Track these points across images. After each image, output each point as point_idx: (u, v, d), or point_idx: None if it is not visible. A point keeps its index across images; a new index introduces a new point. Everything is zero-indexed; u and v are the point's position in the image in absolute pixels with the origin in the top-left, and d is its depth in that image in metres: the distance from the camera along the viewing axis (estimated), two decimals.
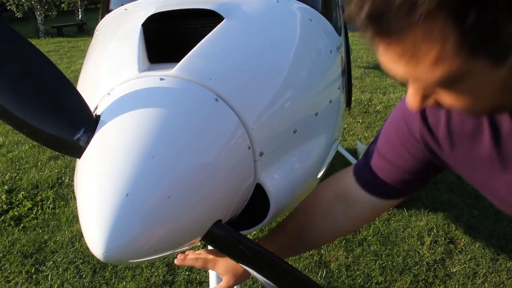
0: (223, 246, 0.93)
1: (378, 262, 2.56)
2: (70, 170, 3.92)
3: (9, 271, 2.60)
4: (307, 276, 0.95)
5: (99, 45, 1.38)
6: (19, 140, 4.73)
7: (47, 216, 3.18)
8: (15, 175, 3.88)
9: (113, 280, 2.49)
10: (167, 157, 0.80)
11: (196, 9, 1.27)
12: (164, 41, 1.41)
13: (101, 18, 1.76)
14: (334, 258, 2.61)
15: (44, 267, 2.63)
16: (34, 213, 3.23)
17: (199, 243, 2.79)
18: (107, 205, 0.74)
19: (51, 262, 2.67)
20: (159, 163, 0.78)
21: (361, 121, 4.90)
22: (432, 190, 3.29)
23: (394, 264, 2.54)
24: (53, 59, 9.02)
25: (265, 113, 1.03)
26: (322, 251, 2.66)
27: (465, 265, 2.51)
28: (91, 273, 2.55)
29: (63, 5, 17.68)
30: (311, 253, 2.62)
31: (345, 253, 2.64)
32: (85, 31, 14.43)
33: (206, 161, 0.85)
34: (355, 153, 3.75)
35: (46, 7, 15.29)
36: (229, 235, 0.89)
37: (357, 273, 2.48)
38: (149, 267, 2.57)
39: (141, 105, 0.87)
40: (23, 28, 15.10)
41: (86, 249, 2.74)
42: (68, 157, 4.19)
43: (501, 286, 2.36)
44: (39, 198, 3.44)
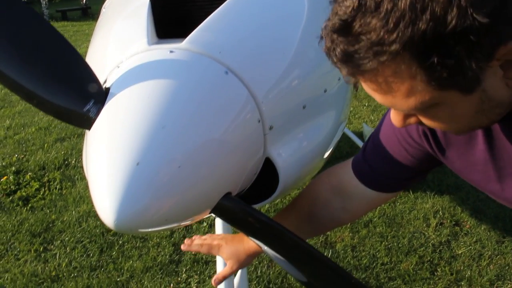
0: (233, 218, 0.93)
1: (383, 243, 2.56)
2: (76, 151, 3.94)
3: (18, 250, 2.63)
4: (316, 249, 0.95)
5: (107, 21, 1.37)
6: (25, 122, 4.75)
7: (54, 196, 3.20)
8: (22, 156, 3.90)
9: (120, 259, 2.51)
10: (178, 127, 0.80)
11: None
12: (171, 18, 1.41)
13: None
14: (339, 239, 2.62)
15: (52, 246, 2.66)
16: (41, 193, 3.25)
17: (206, 222, 2.79)
18: (118, 174, 0.75)
19: (59, 241, 2.69)
20: (170, 133, 0.78)
21: (367, 104, 4.88)
22: (438, 173, 3.28)
23: (399, 245, 2.55)
24: None
25: (275, 87, 1.02)
26: (327, 232, 2.67)
27: (470, 247, 2.51)
28: (98, 252, 2.58)
29: None
30: None
31: (350, 234, 2.65)
32: (90, 15, 14.32)
33: (216, 132, 0.85)
34: (361, 135, 3.75)
35: None
36: (239, 207, 0.90)
37: (363, 254, 2.49)
38: (156, 247, 2.60)
39: (151, 77, 0.87)
40: None
41: (93, 229, 2.77)
42: (74, 139, 4.21)
43: (506, 268, 2.36)
44: (46, 179, 3.47)
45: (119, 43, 1.10)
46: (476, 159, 0.78)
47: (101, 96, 0.87)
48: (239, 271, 1.39)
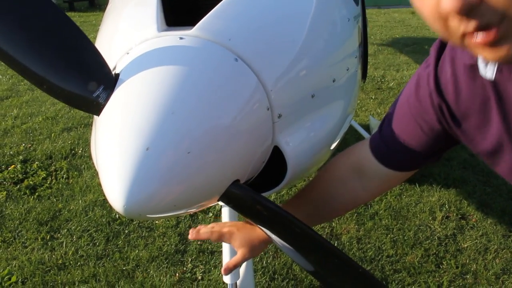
0: (241, 206, 0.93)
1: (389, 236, 2.56)
2: (83, 141, 3.96)
3: (25, 237, 2.65)
4: (324, 238, 0.95)
5: (116, 8, 1.37)
6: (32, 112, 4.77)
7: (61, 185, 3.22)
8: (30, 145, 3.92)
9: (126, 248, 2.53)
10: (188, 113, 0.80)
11: None
12: (180, 7, 1.40)
13: None
14: (345, 231, 2.62)
15: (58, 235, 2.68)
16: (48, 182, 3.27)
17: (212, 212, 2.79)
18: (127, 159, 0.75)
19: (66, 230, 2.71)
20: (180, 119, 0.78)
21: (374, 97, 4.87)
22: (444, 166, 3.28)
23: (405, 238, 2.55)
24: None
25: (284, 75, 1.02)
26: (333, 223, 2.67)
27: (476, 241, 2.51)
28: (104, 241, 2.59)
29: None
30: (322, 225, 2.64)
31: (356, 226, 2.65)
32: (97, 6, 14.31)
33: (225, 119, 0.85)
34: (367, 128, 3.74)
35: None
36: (247, 195, 0.89)
37: (368, 246, 2.49)
38: (162, 236, 2.61)
39: (160, 63, 0.87)
40: None
41: (99, 218, 2.78)
42: (81, 129, 4.23)
43: None
44: (53, 168, 3.48)
45: (129, 29, 1.10)
46: (490, 129, 0.78)
47: (111, 82, 0.87)
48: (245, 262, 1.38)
